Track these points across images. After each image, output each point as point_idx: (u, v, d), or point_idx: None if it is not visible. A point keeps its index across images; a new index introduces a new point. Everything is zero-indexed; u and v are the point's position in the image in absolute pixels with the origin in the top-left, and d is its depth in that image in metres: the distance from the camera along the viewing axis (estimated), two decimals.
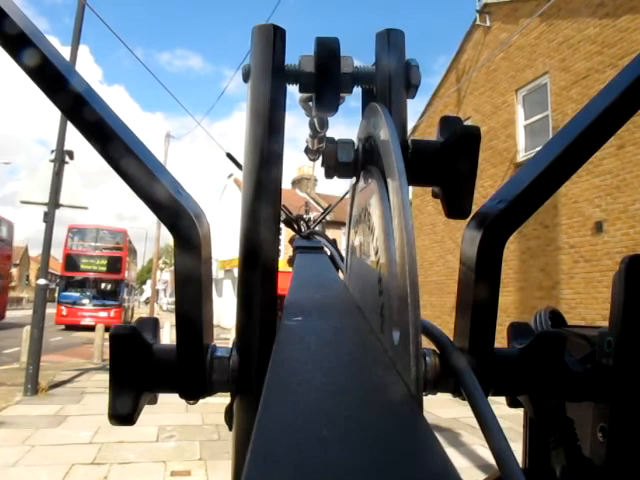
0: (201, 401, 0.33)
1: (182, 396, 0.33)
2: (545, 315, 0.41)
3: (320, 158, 0.51)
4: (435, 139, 0.41)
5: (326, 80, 0.41)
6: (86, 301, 16.78)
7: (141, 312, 22.49)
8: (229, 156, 1.04)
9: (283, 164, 0.38)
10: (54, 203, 6.35)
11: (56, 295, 18.85)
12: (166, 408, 4.55)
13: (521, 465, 0.42)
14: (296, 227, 0.95)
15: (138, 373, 0.31)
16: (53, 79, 0.30)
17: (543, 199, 0.31)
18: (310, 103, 0.49)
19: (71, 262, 17.84)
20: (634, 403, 0.30)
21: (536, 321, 0.41)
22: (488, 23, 9.84)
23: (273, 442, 0.18)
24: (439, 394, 0.32)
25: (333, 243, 0.84)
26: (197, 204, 0.33)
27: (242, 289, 0.37)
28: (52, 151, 6.50)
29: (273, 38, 0.40)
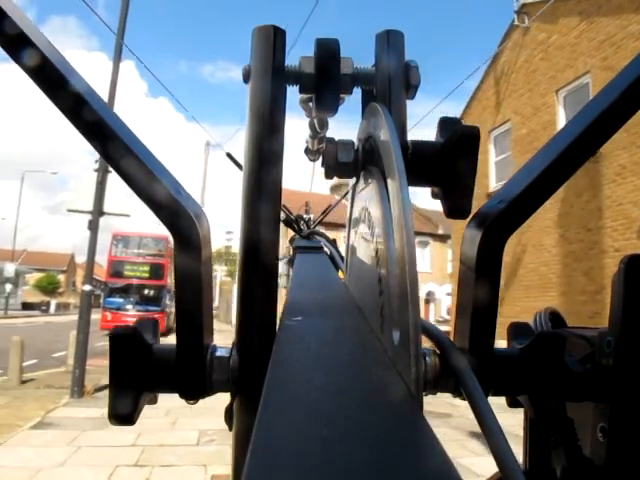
0: None
1: (182, 396, 0.33)
2: (545, 316, 0.41)
3: (320, 158, 0.51)
4: (434, 140, 0.41)
5: (326, 81, 0.41)
6: (129, 307, 17.01)
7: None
8: (229, 156, 1.04)
9: (283, 164, 0.38)
10: (98, 211, 6.65)
11: (101, 301, 19.17)
12: (207, 413, 4.67)
13: (522, 466, 0.42)
14: (296, 227, 0.95)
15: (138, 373, 0.31)
16: (53, 79, 0.30)
17: (543, 199, 0.31)
18: (310, 104, 0.49)
19: (115, 269, 18.19)
20: (634, 403, 0.30)
21: (536, 322, 0.41)
22: (526, 23, 9.61)
23: (273, 442, 0.18)
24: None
25: (333, 243, 0.84)
26: (197, 204, 0.33)
27: (242, 289, 0.37)
28: (96, 161, 6.77)
29: (273, 39, 0.40)
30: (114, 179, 6.65)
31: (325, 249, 0.81)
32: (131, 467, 3.71)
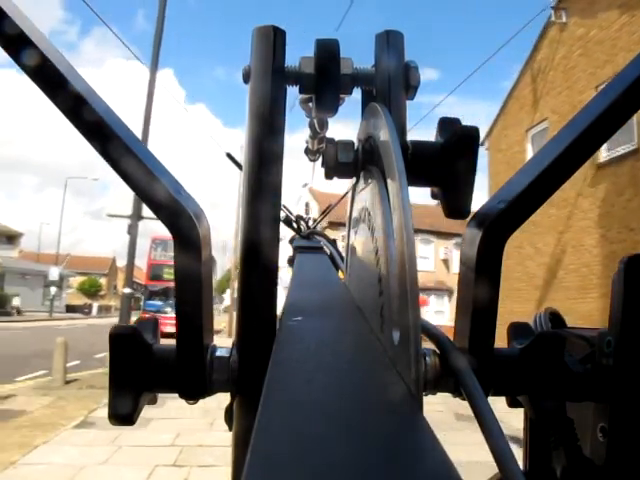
0: None
1: (182, 396, 0.33)
2: (545, 316, 0.41)
3: (320, 159, 0.51)
4: (434, 140, 0.41)
5: (326, 81, 0.41)
6: (168, 309, 17.18)
7: (220, 320, 23.20)
8: (229, 156, 1.04)
9: (283, 164, 0.38)
10: (137, 215, 6.87)
11: (141, 303, 19.41)
12: None
13: (522, 467, 0.42)
14: (296, 227, 0.95)
15: (138, 373, 0.31)
16: (53, 79, 0.30)
17: (543, 199, 0.31)
18: (310, 104, 0.49)
19: (154, 272, 18.45)
20: (634, 403, 0.30)
21: (536, 322, 0.41)
22: (564, 19, 9.32)
23: (273, 442, 0.18)
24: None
25: (333, 243, 0.84)
26: (197, 204, 0.33)
27: (242, 289, 0.37)
28: None
29: (273, 39, 0.40)
30: None
31: (325, 249, 0.81)
32: (170, 467, 3.78)
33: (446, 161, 0.39)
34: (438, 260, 23.61)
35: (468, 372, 0.28)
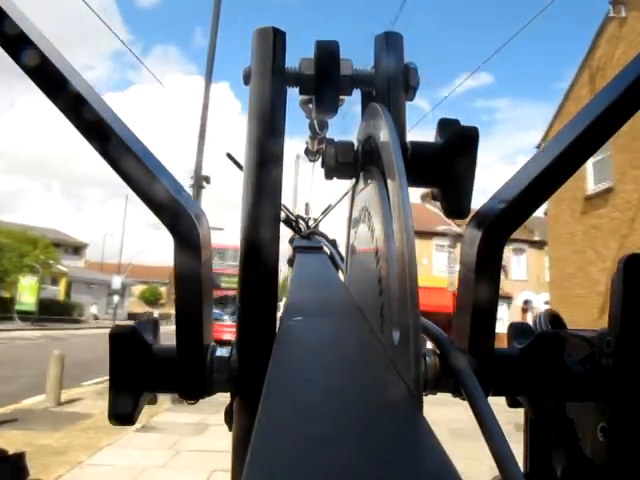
0: None
1: (182, 396, 0.33)
2: (545, 317, 0.41)
3: (320, 159, 0.51)
4: (434, 141, 0.41)
5: (326, 82, 0.41)
6: (226, 317, 17.30)
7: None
8: (229, 156, 1.04)
9: (283, 165, 0.38)
10: None
11: None
12: None
13: (522, 467, 0.42)
14: (296, 227, 0.95)
15: (138, 373, 0.31)
16: (53, 79, 0.30)
17: (543, 199, 0.31)
18: (310, 105, 0.49)
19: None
20: (634, 403, 0.30)
21: (536, 323, 0.41)
22: (623, 14, 8.95)
23: (273, 442, 0.18)
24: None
25: (333, 243, 0.84)
26: (197, 204, 0.33)
27: (242, 289, 0.37)
28: (191, 177, 7.18)
29: (273, 41, 0.40)
30: (208, 194, 7.25)
31: (325, 249, 0.81)
32: (227, 472, 3.84)
33: (446, 161, 0.39)
34: None
35: (468, 372, 0.28)
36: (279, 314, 0.38)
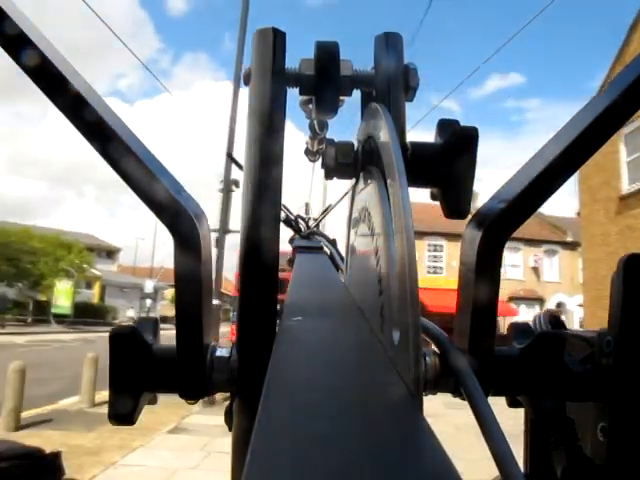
0: None
1: (182, 396, 0.33)
2: (544, 317, 0.41)
3: (320, 159, 0.51)
4: (433, 141, 0.41)
5: (326, 83, 0.41)
6: None
7: None
8: (229, 156, 1.04)
9: (283, 165, 0.38)
10: (223, 229, 7.26)
11: (230, 315, 19.58)
12: None
13: (522, 467, 0.42)
14: (296, 227, 0.95)
15: (138, 373, 0.31)
16: (53, 79, 0.30)
17: (543, 199, 0.31)
18: (310, 105, 0.49)
19: None
20: (634, 403, 0.30)
21: (535, 324, 0.41)
22: None
23: (273, 442, 0.18)
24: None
25: (333, 243, 0.84)
26: (197, 204, 0.33)
27: (242, 289, 0.37)
28: (221, 181, 7.26)
29: (273, 41, 0.40)
30: (238, 198, 7.25)
31: (325, 249, 0.81)
32: None
33: (446, 161, 0.39)
34: (527, 268, 22.22)
35: (468, 372, 0.28)
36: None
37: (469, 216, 0.37)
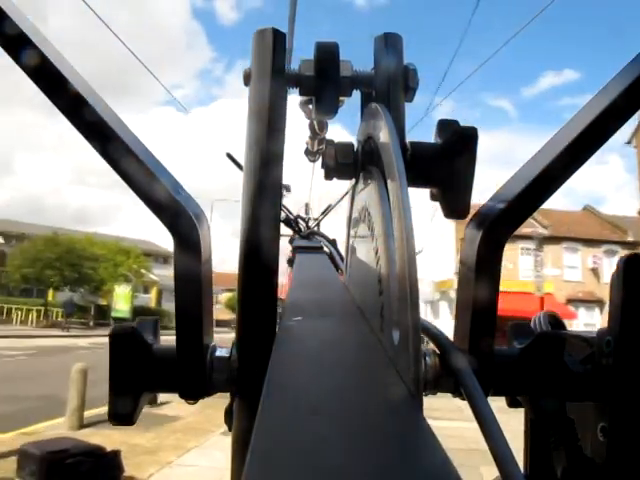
0: (451, 427, 0.30)
1: (182, 396, 0.33)
2: (544, 318, 0.41)
3: (320, 160, 0.51)
4: (433, 141, 0.41)
5: (325, 83, 0.41)
6: None
7: None
8: (229, 156, 1.04)
9: (283, 165, 0.38)
10: None
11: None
12: None
13: (522, 467, 0.42)
14: (296, 227, 0.95)
15: (138, 373, 0.31)
16: (53, 79, 0.30)
17: (543, 199, 0.31)
18: (310, 106, 0.49)
19: None
20: (634, 403, 0.30)
21: (535, 324, 0.41)
22: None
23: (273, 442, 0.18)
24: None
25: (333, 243, 0.84)
26: (197, 204, 0.33)
27: (242, 289, 0.37)
28: None
29: (273, 42, 0.40)
30: (289, 201, 7.39)
31: (325, 249, 0.81)
32: None
33: (445, 161, 0.39)
34: (586, 269, 21.47)
35: (468, 372, 0.28)
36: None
37: (469, 216, 0.37)
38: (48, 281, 22.01)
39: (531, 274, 16.36)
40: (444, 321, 19.90)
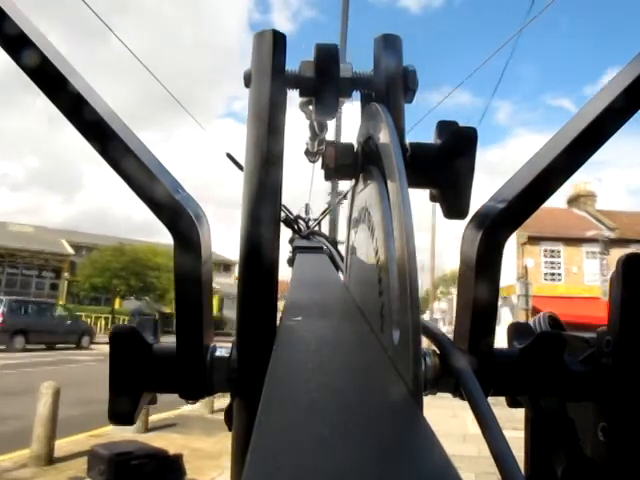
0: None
1: (182, 396, 0.33)
2: (544, 318, 0.41)
3: (320, 160, 0.51)
4: (432, 142, 0.41)
5: (325, 84, 0.41)
6: None
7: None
8: (229, 156, 1.04)
9: (283, 166, 0.38)
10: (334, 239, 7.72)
11: None
12: (442, 439, 4.64)
13: (522, 467, 0.42)
14: (296, 227, 0.95)
15: (138, 373, 0.31)
16: (53, 79, 0.30)
17: (543, 199, 0.31)
18: (310, 107, 0.49)
19: None
20: (634, 403, 0.30)
21: (535, 324, 0.41)
22: None
23: (273, 442, 0.18)
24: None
25: (333, 243, 0.84)
26: (197, 204, 0.33)
27: (242, 289, 0.37)
28: (328, 194, 7.61)
29: (273, 43, 0.40)
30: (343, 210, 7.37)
31: (325, 249, 0.81)
32: None
33: (445, 162, 0.39)
34: None
35: (468, 372, 0.28)
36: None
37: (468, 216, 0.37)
38: (115, 290, 22.34)
39: (597, 278, 15.88)
40: (505, 328, 19.33)
